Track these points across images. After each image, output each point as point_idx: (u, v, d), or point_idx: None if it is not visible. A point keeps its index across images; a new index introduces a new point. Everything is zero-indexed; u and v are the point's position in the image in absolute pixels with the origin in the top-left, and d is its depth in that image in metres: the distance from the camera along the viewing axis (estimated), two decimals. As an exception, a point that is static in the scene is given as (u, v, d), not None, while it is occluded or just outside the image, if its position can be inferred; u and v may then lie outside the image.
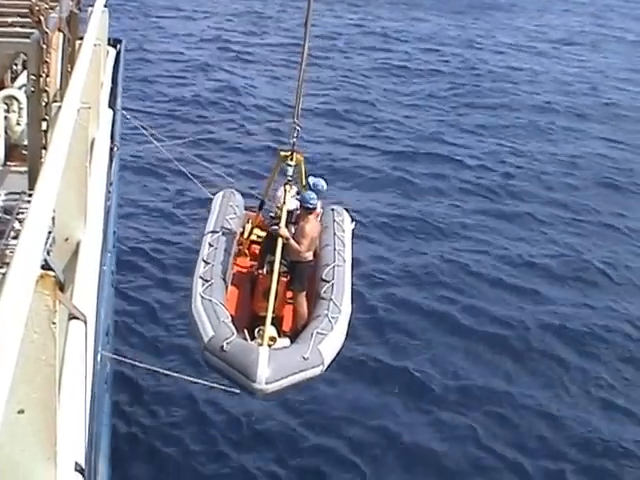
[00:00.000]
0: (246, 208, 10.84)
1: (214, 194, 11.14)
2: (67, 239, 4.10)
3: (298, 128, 9.62)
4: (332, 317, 8.75)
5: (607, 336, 13.25)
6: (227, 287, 9.21)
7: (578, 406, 11.48)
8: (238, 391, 8.03)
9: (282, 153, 9.86)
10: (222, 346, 7.97)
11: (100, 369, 4.76)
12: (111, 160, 7.67)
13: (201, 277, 9.04)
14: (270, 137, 19.48)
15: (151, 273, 14.02)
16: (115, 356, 7.94)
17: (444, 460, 10.14)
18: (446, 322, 13.17)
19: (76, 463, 2.93)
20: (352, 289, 9.46)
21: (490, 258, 15.59)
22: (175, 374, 8.93)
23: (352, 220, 10.90)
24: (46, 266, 3.21)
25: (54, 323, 2.46)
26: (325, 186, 9.91)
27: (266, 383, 7.71)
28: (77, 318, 3.10)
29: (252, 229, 10.45)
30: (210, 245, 9.61)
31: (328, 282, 9.33)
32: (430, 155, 20.89)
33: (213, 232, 9.89)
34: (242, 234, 10.44)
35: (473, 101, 25.80)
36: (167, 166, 15.96)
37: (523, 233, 16.94)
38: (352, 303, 9.23)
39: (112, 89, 9.76)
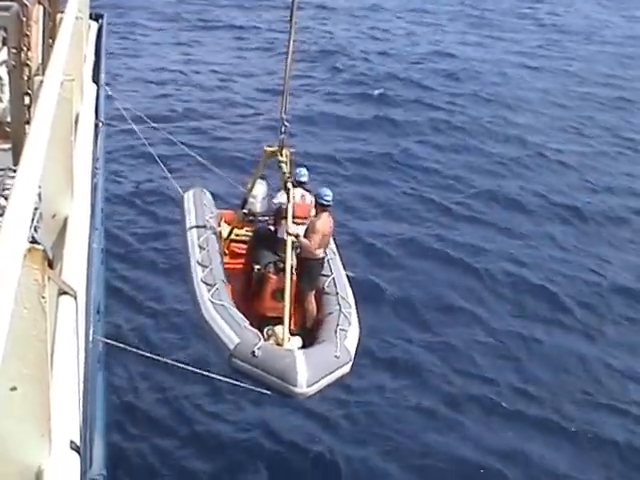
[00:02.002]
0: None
1: (183, 189, 11.10)
2: (54, 215, 4.02)
3: (286, 123, 9.50)
4: (347, 312, 8.78)
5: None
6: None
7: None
8: (269, 393, 7.96)
9: (268, 149, 9.67)
10: (253, 352, 7.87)
11: (92, 348, 4.71)
12: (96, 136, 7.55)
13: (203, 281, 8.89)
14: (254, 126, 19.22)
15: (138, 254, 13.96)
16: (107, 340, 7.87)
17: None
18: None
19: (71, 441, 2.87)
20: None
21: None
22: (164, 359, 8.85)
23: None
24: (34, 242, 3.13)
25: (44, 297, 2.40)
26: (307, 175, 9.81)
27: (307, 386, 7.69)
28: (67, 293, 3.03)
29: (233, 228, 10.38)
30: (200, 247, 9.46)
31: (328, 276, 9.31)
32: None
33: (199, 233, 9.73)
34: (221, 233, 10.37)
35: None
36: (145, 148, 15.74)
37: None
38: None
39: (95, 64, 9.60)
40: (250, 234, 10.28)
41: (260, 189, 10.36)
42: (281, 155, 9.43)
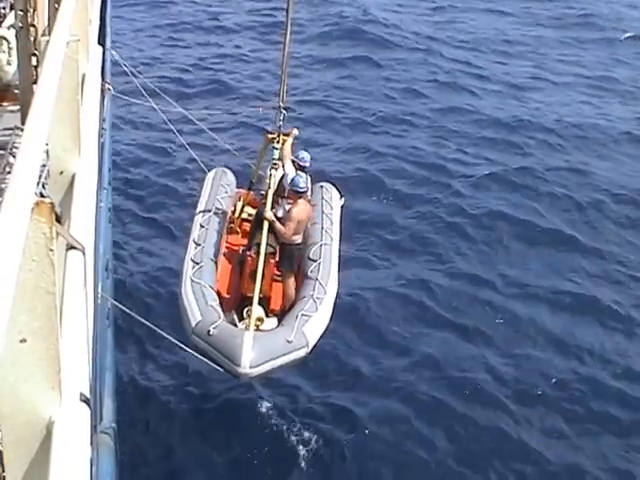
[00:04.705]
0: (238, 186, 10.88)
1: (205, 165, 11.13)
2: (62, 172, 4.06)
3: (284, 111, 9.50)
4: (317, 298, 8.83)
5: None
6: (217, 268, 9.26)
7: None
8: (222, 371, 8.10)
9: (269, 135, 9.74)
10: (209, 330, 8.09)
11: (101, 304, 4.76)
12: (103, 98, 7.55)
13: (192, 259, 9.10)
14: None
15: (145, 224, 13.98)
16: (115, 302, 7.93)
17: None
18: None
19: (81, 394, 2.92)
20: (339, 268, 9.48)
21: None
22: (166, 334, 8.92)
23: (341, 196, 10.83)
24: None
25: (52, 250, 2.43)
26: (309, 159, 9.81)
27: (250, 367, 7.82)
28: (75, 248, 3.07)
29: (243, 207, 10.45)
30: (201, 226, 9.63)
31: (315, 261, 9.38)
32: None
33: (204, 213, 9.92)
34: (233, 212, 10.44)
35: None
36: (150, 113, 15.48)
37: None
38: (338, 282, 9.28)
39: (101, 28, 9.55)
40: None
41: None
42: (278, 142, 9.54)
